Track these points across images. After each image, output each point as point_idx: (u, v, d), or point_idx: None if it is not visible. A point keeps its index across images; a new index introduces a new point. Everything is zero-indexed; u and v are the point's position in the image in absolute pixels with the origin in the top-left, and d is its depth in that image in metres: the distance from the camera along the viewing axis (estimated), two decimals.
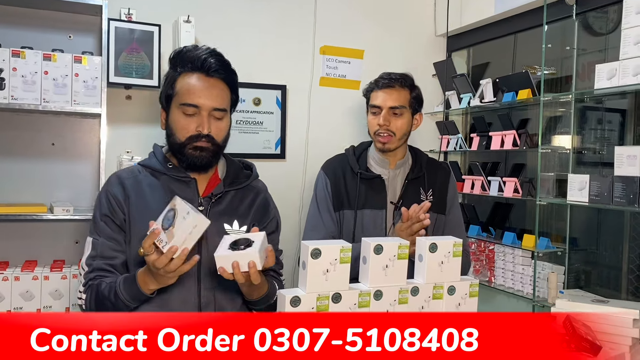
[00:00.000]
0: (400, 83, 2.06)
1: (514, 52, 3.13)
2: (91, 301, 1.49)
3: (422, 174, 2.06)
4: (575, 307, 1.71)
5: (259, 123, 2.93)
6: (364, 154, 2.14)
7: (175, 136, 1.57)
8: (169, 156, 1.64)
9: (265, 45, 2.93)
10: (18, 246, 2.48)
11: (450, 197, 2.09)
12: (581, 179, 2.30)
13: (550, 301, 2.41)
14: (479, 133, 2.97)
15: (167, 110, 1.61)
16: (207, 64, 1.57)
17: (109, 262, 1.54)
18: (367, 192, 2.03)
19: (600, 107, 2.81)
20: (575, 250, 2.64)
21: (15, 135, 2.49)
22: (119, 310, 1.44)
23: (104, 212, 1.57)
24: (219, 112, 1.57)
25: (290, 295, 1.28)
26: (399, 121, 2.04)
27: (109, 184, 1.62)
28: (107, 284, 1.47)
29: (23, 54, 2.24)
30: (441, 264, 1.46)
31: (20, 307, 2.30)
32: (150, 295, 1.43)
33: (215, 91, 1.57)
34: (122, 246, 1.56)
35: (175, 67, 1.60)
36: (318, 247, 1.31)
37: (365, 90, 2.17)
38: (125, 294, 1.43)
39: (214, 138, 1.56)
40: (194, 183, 1.60)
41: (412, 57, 3.22)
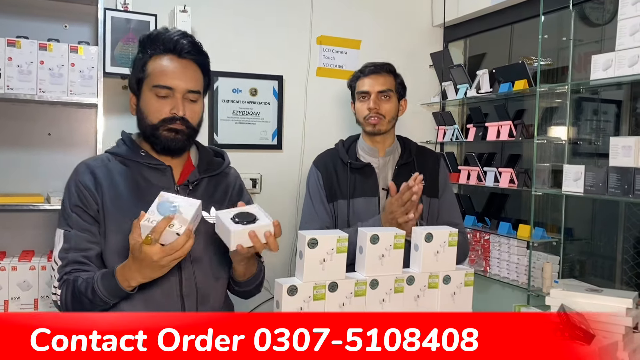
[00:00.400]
0: (385, 69, 2.12)
1: (510, 42, 3.13)
2: (67, 297, 1.42)
3: (412, 159, 2.09)
4: (570, 297, 1.73)
5: (256, 114, 2.92)
6: (353, 145, 2.18)
7: (148, 119, 1.51)
8: (140, 142, 1.58)
9: (262, 35, 2.92)
10: (15, 236, 2.48)
11: (441, 181, 2.11)
12: (576, 169, 2.31)
13: (545, 291, 2.43)
14: (475, 124, 2.98)
15: (138, 95, 1.55)
16: (180, 45, 1.51)
17: (84, 254, 1.47)
18: (358, 181, 2.06)
19: (595, 98, 2.82)
20: (570, 241, 2.67)
21: (11, 126, 2.48)
22: (97, 307, 1.40)
23: (75, 202, 1.49)
24: (193, 94, 1.52)
25: (287, 284, 1.30)
26: (387, 104, 2.09)
27: (78, 173, 1.54)
28: (83, 280, 1.41)
29: (19, 44, 2.23)
30: (437, 253, 1.47)
31: (17, 297, 2.31)
32: (131, 291, 1.38)
33: (189, 72, 1.52)
34: (96, 237, 1.49)
35: (146, 50, 1.54)
36: (315, 237, 1.32)
37: (350, 80, 2.22)
38: (103, 291, 1.38)
39: (189, 121, 1.51)
40: (169, 171, 1.55)
41: (409, 47, 3.22)
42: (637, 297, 1.73)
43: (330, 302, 1.33)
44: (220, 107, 2.85)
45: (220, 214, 1.40)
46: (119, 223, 1.47)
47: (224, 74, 2.84)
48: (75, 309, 1.42)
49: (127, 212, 1.46)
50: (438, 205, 2.08)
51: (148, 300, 1.45)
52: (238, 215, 1.38)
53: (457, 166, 3.11)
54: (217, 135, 2.84)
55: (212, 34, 2.80)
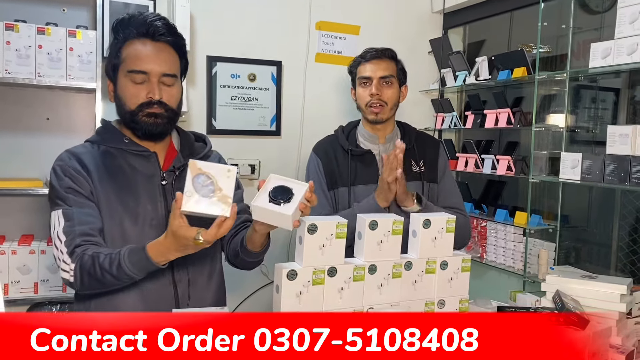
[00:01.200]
0: (387, 55, 2.10)
1: (510, 30, 3.13)
2: (82, 273, 1.38)
3: (412, 145, 2.08)
4: (565, 283, 1.75)
5: (254, 99, 2.92)
6: (353, 131, 2.16)
7: (126, 105, 1.48)
8: (121, 129, 1.56)
9: (260, 20, 2.91)
10: (14, 221, 2.49)
11: (441, 166, 2.11)
12: (574, 157, 2.32)
13: (541, 277, 2.46)
14: (473, 111, 2.98)
15: (115, 81, 1.52)
16: (153, 28, 1.48)
17: (90, 226, 1.43)
18: (359, 168, 2.05)
19: (594, 85, 2.83)
20: (566, 228, 2.69)
21: (10, 110, 2.47)
22: (119, 283, 1.39)
23: (67, 185, 1.46)
24: (169, 77, 1.49)
25: (287, 269, 1.31)
26: (390, 90, 2.07)
27: (63, 159, 1.50)
28: (106, 256, 1.37)
29: (17, 27, 2.22)
30: (434, 239, 1.49)
31: (17, 281, 2.33)
32: (162, 266, 1.36)
33: (164, 55, 1.49)
34: (97, 213, 1.46)
35: (119, 35, 1.51)
36: (314, 222, 1.33)
37: (351, 65, 2.18)
38: (131, 267, 1.35)
39: (167, 104, 1.49)
40: (154, 157, 1.53)
41: (408, 33, 3.21)
42: (632, 283, 1.75)
43: (329, 287, 1.35)
44: (219, 93, 2.84)
45: (258, 203, 1.33)
46: (110, 210, 1.46)
47: (223, 59, 2.83)
48: (91, 284, 1.39)
49: (115, 199, 1.46)
50: (437, 190, 2.09)
51: (141, 288, 1.45)
52: (274, 194, 1.32)
53: (455, 153, 3.11)
54: (216, 121, 2.84)
55: (210, 19, 2.79)
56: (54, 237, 1.44)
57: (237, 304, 2.82)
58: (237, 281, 1.76)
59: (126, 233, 1.46)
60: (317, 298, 1.34)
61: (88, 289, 1.43)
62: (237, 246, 1.56)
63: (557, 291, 1.71)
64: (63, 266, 1.40)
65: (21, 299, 2.34)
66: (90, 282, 1.39)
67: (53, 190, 1.48)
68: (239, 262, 1.61)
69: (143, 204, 1.49)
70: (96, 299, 1.47)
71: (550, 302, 1.71)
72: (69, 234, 1.41)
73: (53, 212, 1.47)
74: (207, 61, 2.80)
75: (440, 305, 1.50)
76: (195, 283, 1.55)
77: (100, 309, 1.47)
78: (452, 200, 2.09)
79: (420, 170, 2.06)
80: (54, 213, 1.46)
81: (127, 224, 1.47)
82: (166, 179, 1.53)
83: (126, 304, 1.46)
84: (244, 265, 1.62)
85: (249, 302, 2.87)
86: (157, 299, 1.48)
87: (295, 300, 1.31)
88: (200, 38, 2.77)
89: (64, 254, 1.40)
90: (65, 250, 1.40)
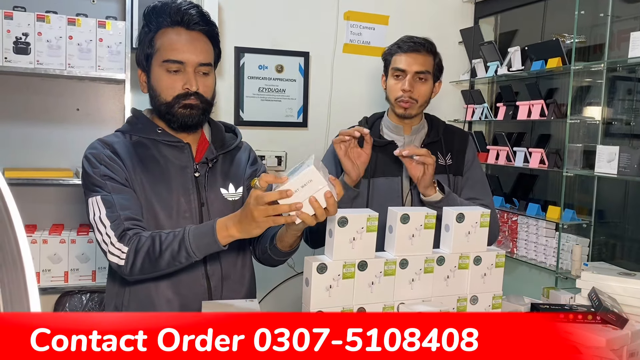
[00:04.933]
0: (426, 48, 2.00)
1: (543, 19, 3.04)
2: (137, 253, 1.34)
3: (439, 138, 2.02)
4: (601, 280, 1.69)
5: (282, 91, 2.90)
6: (377, 122, 2.09)
7: (161, 97, 1.46)
8: (153, 119, 1.53)
9: (288, 11, 2.89)
10: (45, 210, 2.52)
11: (468, 159, 2.03)
12: (610, 150, 2.25)
13: (574, 273, 2.40)
14: (505, 102, 2.91)
15: (148, 71, 1.49)
16: (188, 17, 1.44)
17: (134, 210, 1.40)
18: (380, 159, 1.98)
19: (632, 77, 2.73)
20: (600, 223, 2.61)
21: (40, 101, 2.50)
22: (175, 264, 1.35)
23: (103, 172, 1.42)
24: (205, 67, 1.46)
25: (317, 262, 1.29)
26: (423, 87, 1.98)
27: (96, 148, 1.47)
28: (168, 233, 1.35)
29: (48, 19, 2.23)
30: (468, 234, 1.45)
31: (48, 270, 2.36)
32: (224, 247, 1.32)
33: (200, 45, 1.46)
34: (137, 199, 1.43)
35: (152, 23, 1.47)
36: (345, 215, 1.31)
37: (386, 53, 2.07)
38: (193, 243, 1.32)
39: (203, 95, 1.46)
40: (187, 148, 1.51)
41: (438, 23, 3.15)
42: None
43: (360, 281, 1.33)
44: (246, 84, 2.83)
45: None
46: (145, 201, 1.44)
47: (250, 50, 2.82)
48: (144, 267, 1.36)
49: (150, 190, 1.45)
50: (462, 182, 2.02)
51: (174, 281, 1.45)
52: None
53: (485, 145, 3.05)
54: (243, 112, 2.83)
55: (238, 9, 2.78)
56: (96, 222, 1.40)
57: (262, 296, 2.82)
58: (262, 273, 1.75)
59: (160, 225, 1.44)
60: (347, 292, 1.32)
61: (139, 273, 1.37)
62: (267, 243, 1.54)
63: (593, 288, 1.66)
64: (112, 250, 1.37)
65: (52, 287, 2.38)
66: (144, 264, 1.35)
67: (88, 177, 1.44)
68: (266, 258, 1.59)
69: (176, 196, 1.47)
70: (129, 287, 1.46)
71: (586, 300, 1.67)
72: (113, 219, 1.38)
73: (91, 199, 1.42)
74: (235, 52, 2.79)
75: (473, 301, 1.47)
76: (228, 277, 1.54)
77: (134, 299, 1.47)
78: (476, 192, 1.98)
79: (446, 163, 2.01)
80: (92, 200, 1.41)
81: (161, 216, 1.45)
82: (199, 170, 1.51)
83: (159, 295, 1.45)
84: (270, 263, 1.61)
85: (274, 295, 2.86)
86: (189, 291, 1.48)
87: (325, 294, 1.29)
88: (228, 29, 2.76)
89: (111, 237, 1.37)
90: (113, 233, 1.37)
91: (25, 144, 2.49)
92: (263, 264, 1.66)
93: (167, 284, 1.46)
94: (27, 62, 2.21)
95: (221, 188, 1.55)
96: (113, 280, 1.52)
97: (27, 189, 2.45)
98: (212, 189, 1.52)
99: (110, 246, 1.37)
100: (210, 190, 1.52)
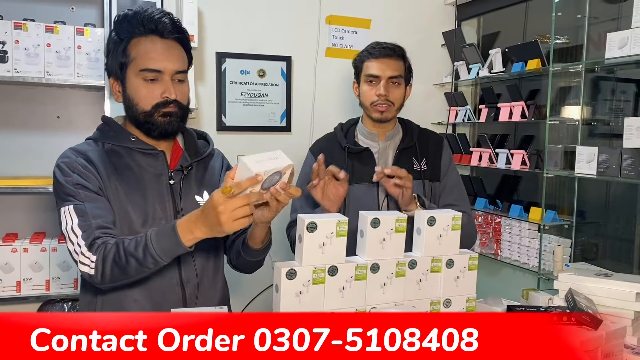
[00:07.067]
0: (397, 53, 2.02)
1: (525, 21, 3.05)
2: (105, 261, 1.34)
3: (414, 143, 2.03)
4: (578, 281, 1.70)
5: (264, 95, 2.90)
6: (352, 129, 2.10)
7: (139, 106, 1.45)
8: (127, 127, 1.53)
9: (269, 15, 2.88)
10: (26, 218, 2.51)
11: (444, 164, 2.04)
12: (589, 151, 2.26)
13: (556, 274, 2.40)
14: (487, 104, 2.92)
15: (123, 80, 1.48)
16: (162, 25, 1.45)
17: (106, 219, 1.40)
18: (357, 167, 1.99)
19: (611, 77, 2.74)
20: (582, 223, 2.62)
21: (20, 108, 2.49)
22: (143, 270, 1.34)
23: (75, 181, 1.41)
24: (181, 74, 1.48)
25: (287, 268, 1.29)
26: (397, 91, 2.00)
27: (68, 156, 1.46)
28: (131, 240, 1.34)
29: (25, 26, 2.23)
30: (439, 237, 1.45)
31: (29, 278, 2.35)
32: (189, 248, 1.32)
33: (175, 52, 1.47)
34: (110, 207, 1.42)
35: (124, 32, 1.46)
36: (314, 220, 1.31)
37: (356, 60, 2.09)
38: (157, 248, 1.31)
39: (181, 102, 1.47)
40: (162, 156, 1.51)
41: (420, 26, 3.16)
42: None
43: (330, 286, 1.33)
44: (228, 89, 2.83)
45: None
46: (119, 209, 1.44)
47: (232, 55, 2.82)
48: (114, 274, 1.35)
49: (124, 198, 1.44)
50: (440, 188, 2.03)
51: (150, 287, 1.44)
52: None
53: (469, 148, 3.06)
54: (226, 118, 2.83)
55: (219, 14, 2.78)
56: (68, 232, 1.40)
57: (244, 304, 2.79)
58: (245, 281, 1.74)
59: (134, 233, 1.43)
60: (318, 298, 1.31)
61: (110, 281, 1.37)
62: (240, 245, 1.55)
63: (569, 289, 1.66)
64: (82, 259, 1.36)
65: (33, 296, 2.36)
66: (113, 272, 1.34)
67: (60, 186, 1.43)
68: (241, 262, 1.59)
69: (152, 204, 1.47)
70: (102, 295, 1.46)
71: (563, 301, 1.67)
72: (84, 228, 1.38)
73: (63, 208, 1.42)
74: (217, 57, 2.79)
75: (447, 305, 1.46)
76: (202, 282, 1.53)
77: (107, 308, 1.46)
78: (453, 198, 2.01)
79: (421, 169, 2.01)
80: (65, 209, 1.41)
81: (136, 224, 1.45)
82: (174, 178, 1.52)
83: (132, 302, 1.44)
84: (246, 266, 1.61)
85: (256, 303, 2.84)
86: (164, 298, 1.47)
87: (295, 300, 1.29)
88: (208, 34, 2.76)
89: (81, 247, 1.37)
90: (83, 243, 1.37)
91: (5, 152, 2.48)
92: (241, 271, 1.65)
93: (140, 291, 1.45)
94: (5, 70, 2.20)
95: (196, 195, 1.55)
96: (85, 290, 1.52)
97: (8, 197, 2.45)
98: (187, 197, 1.52)
99: (80, 256, 1.37)
100: (185, 197, 1.52)
